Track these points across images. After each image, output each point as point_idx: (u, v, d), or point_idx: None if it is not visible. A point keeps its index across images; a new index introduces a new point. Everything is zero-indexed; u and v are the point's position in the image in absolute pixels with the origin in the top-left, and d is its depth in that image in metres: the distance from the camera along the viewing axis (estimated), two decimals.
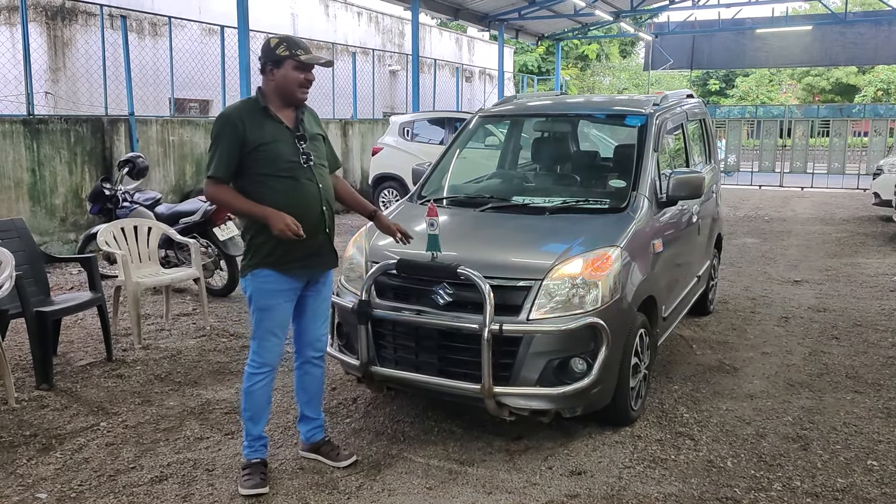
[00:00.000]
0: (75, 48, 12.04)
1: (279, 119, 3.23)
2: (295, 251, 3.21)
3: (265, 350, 3.31)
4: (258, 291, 3.26)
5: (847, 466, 3.54)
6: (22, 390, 4.47)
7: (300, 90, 3.22)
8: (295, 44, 3.22)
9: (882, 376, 4.75)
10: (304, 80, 3.21)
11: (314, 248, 3.28)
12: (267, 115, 3.21)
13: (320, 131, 3.44)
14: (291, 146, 3.22)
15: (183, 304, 6.63)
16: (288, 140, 3.22)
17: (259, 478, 3.33)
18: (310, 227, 3.20)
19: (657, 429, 3.95)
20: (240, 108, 3.22)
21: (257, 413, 3.38)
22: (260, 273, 3.24)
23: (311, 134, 3.32)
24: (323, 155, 3.40)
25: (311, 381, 3.55)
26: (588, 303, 3.59)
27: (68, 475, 3.46)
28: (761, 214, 13.02)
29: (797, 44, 23.74)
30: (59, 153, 8.69)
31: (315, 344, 3.51)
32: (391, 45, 20.95)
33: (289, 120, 3.27)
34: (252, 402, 3.36)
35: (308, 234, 3.17)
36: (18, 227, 5.02)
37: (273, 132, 3.20)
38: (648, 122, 4.65)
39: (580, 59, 37.30)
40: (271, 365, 3.35)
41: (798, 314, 6.27)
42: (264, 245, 3.21)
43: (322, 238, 3.31)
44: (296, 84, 3.20)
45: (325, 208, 3.30)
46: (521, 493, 3.29)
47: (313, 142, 3.32)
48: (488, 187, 5.07)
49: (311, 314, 3.45)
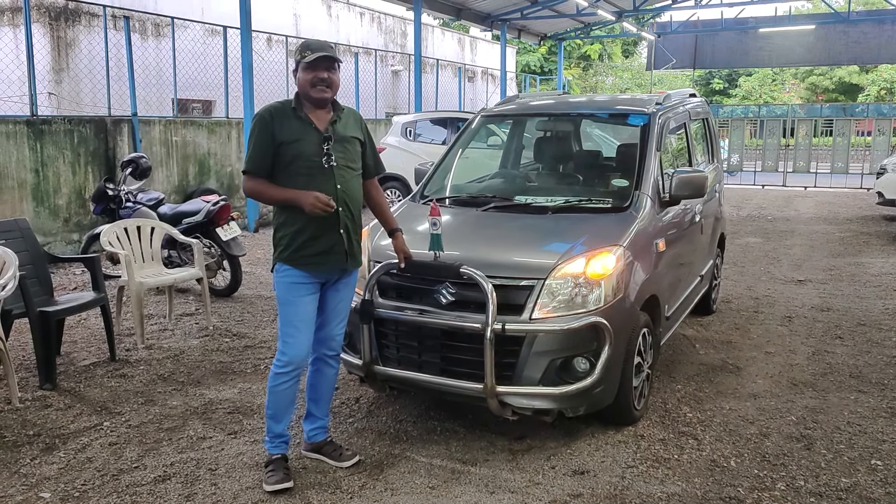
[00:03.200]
0: (78, 49, 12.06)
1: (308, 120, 3.30)
2: (306, 247, 3.30)
3: (288, 345, 3.34)
4: (280, 285, 3.37)
5: (851, 466, 3.53)
6: (25, 390, 4.48)
7: (314, 90, 3.25)
8: (306, 46, 3.29)
9: (886, 376, 4.74)
10: (315, 78, 3.24)
11: (326, 246, 3.32)
12: (296, 116, 3.29)
13: (358, 135, 3.47)
14: (316, 146, 3.28)
15: (186, 304, 6.64)
16: (313, 140, 3.28)
17: (283, 473, 3.37)
18: (322, 226, 3.28)
19: (660, 428, 3.94)
20: (272, 107, 3.35)
21: (280, 412, 3.43)
22: (280, 268, 3.36)
23: (342, 136, 3.36)
24: (354, 158, 3.43)
25: (322, 379, 3.57)
26: (591, 302, 3.59)
27: (72, 474, 3.47)
28: (764, 214, 13.00)
29: (800, 43, 23.71)
30: (62, 154, 8.71)
31: (330, 343, 3.52)
32: (393, 46, 20.96)
33: (321, 121, 3.32)
34: (275, 401, 3.40)
35: (321, 233, 3.28)
36: (22, 228, 5.03)
37: (298, 132, 3.27)
38: (651, 121, 4.65)
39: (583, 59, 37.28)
40: (296, 364, 3.36)
41: (801, 314, 6.25)
42: (282, 240, 3.34)
43: (335, 237, 3.33)
44: (307, 84, 3.25)
45: (343, 209, 3.33)
46: (523, 492, 3.29)
47: (343, 143, 3.37)
48: (491, 187, 5.07)
49: (329, 312, 3.48)
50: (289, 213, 3.32)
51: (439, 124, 12.75)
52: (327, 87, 3.27)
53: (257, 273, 7.95)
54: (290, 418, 3.50)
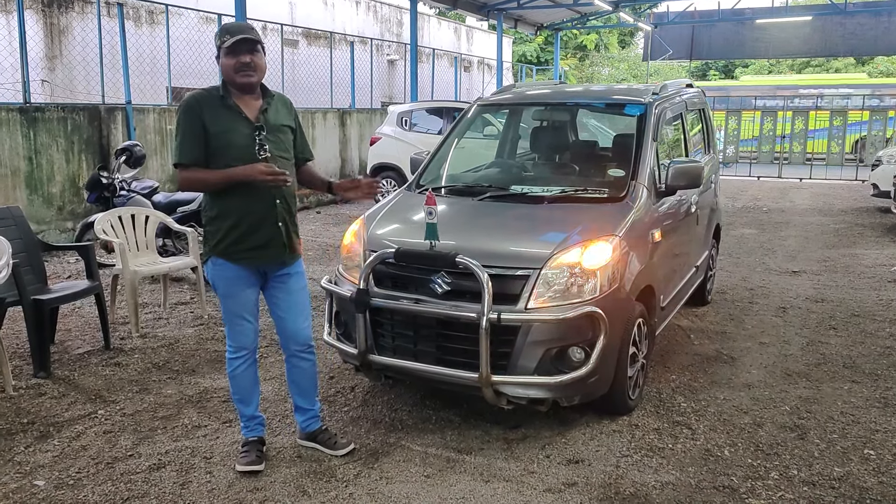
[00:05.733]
0: (72, 36, 11.96)
1: (238, 108, 3.18)
2: (241, 242, 3.22)
3: (237, 334, 3.36)
4: (217, 279, 3.32)
5: (844, 455, 3.55)
6: (19, 378, 4.47)
7: (238, 75, 3.14)
8: (225, 30, 3.18)
9: (879, 366, 4.76)
10: (238, 63, 3.12)
11: (261, 240, 3.24)
12: (224, 104, 3.18)
13: (289, 122, 3.36)
14: (247, 137, 3.17)
15: (180, 292, 6.62)
16: (243, 131, 3.17)
17: (255, 455, 3.39)
18: (259, 219, 3.21)
19: (655, 418, 3.96)
20: (198, 94, 3.21)
21: (245, 395, 3.45)
22: (216, 261, 3.29)
23: (273, 125, 3.25)
24: (286, 147, 3.33)
25: (299, 373, 3.54)
26: (586, 292, 3.59)
27: (66, 462, 3.46)
28: (760, 205, 13.01)
29: (797, 34, 23.69)
30: (55, 141, 8.65)
31: (296, 338, 3.47)
32: (389, 35, 20.86)
33: (251, 109, 3.21)
34: (237, 385, 3.43)
35: (255, 226, 3.21)
36: (15, 216, 5.00)
37: (228, 122, 3.16)
38: (647, 111, 4.64)
39: (579, 50, 37.17)
40: (247, 348, 3.39)
41: (796, 304, 6.27)
42: (215, 234, 3.26)
43: (271, 231, 3.25)
44: (231, 70, 3.14)
45: (280, 201, 3.24)
46: (518, 481, 3.30)
47: (275, 133, 3.26)
48: (487, 176, 5.06)
49: (285, 308, 3.42)
50: (223, 205, 3.21)
51: (435, 114, 12.70)
52: (252, 70, 3.14)
53: None
54: (257, 401, 3.52)
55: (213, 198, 3.26)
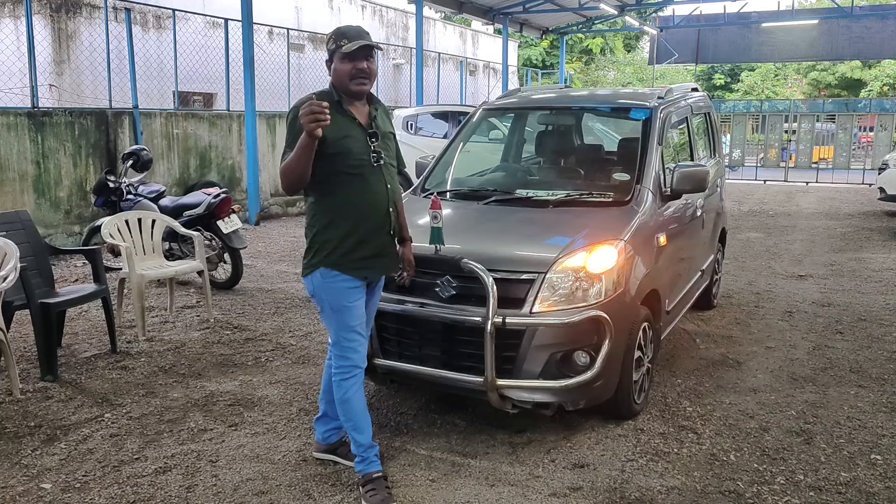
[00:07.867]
0: (79, 41, 12.04)
1: (352, 114, 3.08)
2: (356, 251, 3.07)
3: (350, 350, 3.14)
4: (327, 291, 3.09)
5: (850, 460, 3.54)
6: (27, 381, 4.49)
7: (353, 82, 3.01)
8: (341, 34, 3.02)
9: (886, 371, 4.74)
10: (354, 69, 2.99)
11: (377, 249, 3.14)
12: (339, 110, 3.03)
13: (391, 129, 3.28)
14: (363, 143, 3.07)
15: (187, 296, 6.64)
16: (359, 137, 3.07)
17: (385, 493, 3.12)
18: (374, 228, 3.11)
19: (660, 422, 3.95)
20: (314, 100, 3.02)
21: (359, 421, 3.20)
22: (327, 273, 3.07)
23: (383, 132, 3.17)
24: (393, 154, 3.28)
25: None
26: (591, 296, 3.58)
27: (73, 466, 3.48)
28: (766, 209, 12.98)
29: (803, 38, 23.62)
30: (63, 146, 8.70)
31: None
32: (395, 39, 20.90)
33: (362, 115, 3.11)
34: (351, 410, 3.18)
35: (372, 235, 3.10)
36: (23, 220, 5.03)
37: (344, 128, 3.03)
38: (653, 115, 4.64)
39: (584, 53, 37.14)
40: (360, 366, 3.18)
41: (802, 309, 6.25)
42: (327, 243, 3.07)
43: (386, 239, 3.18)
44: (346, 76, 3.00)
45: (392, 209, 3.17)
46: (523, 485, 3.30)
47: (385, 140, 3.18)
48: (492, 180, 5.06)
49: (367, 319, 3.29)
50: (337, 213, 3.05)
51: (440, 118, 12.72)
52: (367, 78, 3.03)
53: (258, 266, 7.95)
54: (370, 426, 3.25)
55: (324, 207, 3.08)
